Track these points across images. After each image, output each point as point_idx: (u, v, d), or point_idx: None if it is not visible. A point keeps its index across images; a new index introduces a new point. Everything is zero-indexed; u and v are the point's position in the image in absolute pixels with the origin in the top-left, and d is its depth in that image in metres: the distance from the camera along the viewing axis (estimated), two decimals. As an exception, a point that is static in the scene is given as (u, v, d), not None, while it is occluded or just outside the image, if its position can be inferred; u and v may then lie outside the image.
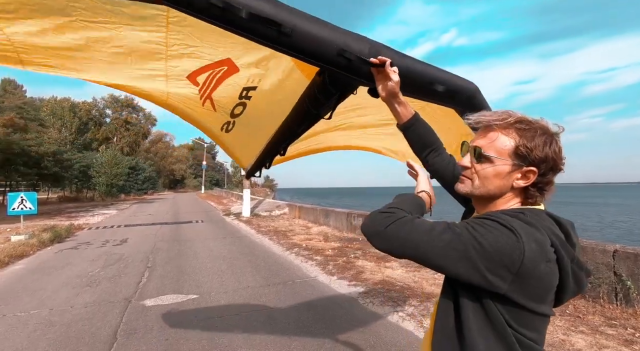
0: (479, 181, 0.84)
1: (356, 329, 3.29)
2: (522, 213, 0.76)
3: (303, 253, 6.68)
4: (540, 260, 0.70)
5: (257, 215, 13.58)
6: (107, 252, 7.14)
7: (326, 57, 0.96)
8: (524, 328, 0.74)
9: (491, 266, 0.69)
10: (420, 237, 0.75)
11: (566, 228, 0.78)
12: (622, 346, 2.78)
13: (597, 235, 17.10)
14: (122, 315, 3.69)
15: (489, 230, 0.71)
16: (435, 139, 1.15)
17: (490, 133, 0.83)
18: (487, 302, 0.74)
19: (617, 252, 3.58)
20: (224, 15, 0.84)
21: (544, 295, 0.74)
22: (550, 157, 0.78)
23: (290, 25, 0.89)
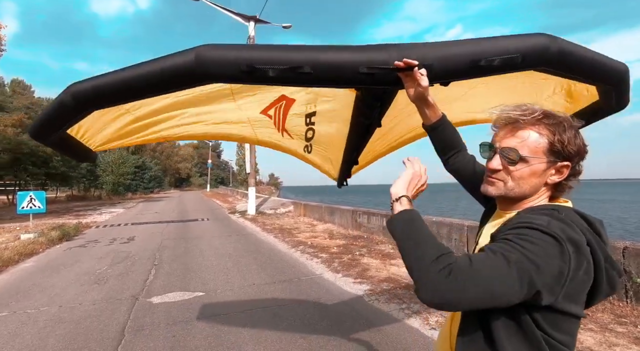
0: (513, 182, 0.80)
1: (362, 326, 3.28)
2: (556, 211, 0.73)
3: (308, 250, 6.69)
4: (581, 264, 0.68)
5: (262, 213, 13.63)
6: (115, 250, 7.22)
7: (350, 79, 0.98)
8: (557, 332, 0.71)
9: (546, 285, 0.66)
10: (495, 286, 0.65)
11: (597, 227, 0.75)
12: (632, 344, 2.74)
13: None
14: (129, 312, 3.73)
15: (536, 244, 0.67)
16: (459, 141, 1.14)
17: (519, 131, 0.79)
18: (518, 309, 0.70)
19: (627, 248, 3.52)
20: (253, 77, 0.94)
21: (579, 296, 0.71)
22: (582, 149, 0.78)
23: (308, 64, 0.93)
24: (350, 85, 1.05)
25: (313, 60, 0.93)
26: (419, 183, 0.90)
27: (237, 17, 13.28)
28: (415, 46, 0.97)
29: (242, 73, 0.92)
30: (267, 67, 0.92)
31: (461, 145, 1.15)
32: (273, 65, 0.92)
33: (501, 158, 0.81)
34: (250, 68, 0.91)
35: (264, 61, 0.92)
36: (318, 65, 0.94)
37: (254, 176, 14.15)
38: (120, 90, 0.99)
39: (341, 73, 0.96)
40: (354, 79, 0.97)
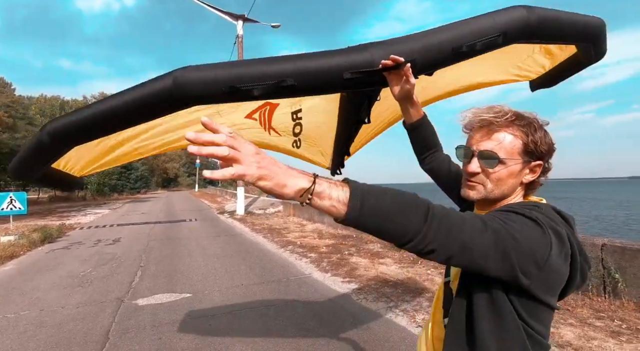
0: (492, 184, 0.82)
1: (349, 325, 3.30)
2: (537, 207, 0.75)
3: (297, 250, 6.68)
4: (561, 255, 0.69)
5: (251, 213, 13.55)
6: (99, 252, 7.07)
7: (335, 86, 0.95)
8: (535, 321, 0.73)
9: (522, 263, 0.66)
10: (465, 238, 0.64)
11: (570, 222, 0.77)
12: (609, 338, 2.83)
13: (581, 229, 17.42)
14: (114, 314, 3.66)
15: (520, 223, 0.68)
16: (437, 141, 1.16)
17: (494, 134, 0.80)
18: (501, 296, 0.72)
19: (606, 245, 3.64)
20: (237, 97, 0.91)
21: (557, 288, 0.73)
22: (551, 148, 0.81)
23: (292, 76, 0.89)
24: (336, 91, 1.02)
25: (296, 71, 0.90)
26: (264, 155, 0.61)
27: (225, 16, 13.16)
28: (395, 42, 0.94)
29: (225, 94, 0.89)
30: (249, 86, 0.88)
31: (439, 145, 1.17)
32: (255, 83, 0.89)
33: (479, 161, 0.82)
34: (232, 89, 0.88)
35: (246, 79, 0.88)
36: (301, 76, 0.91)
37: (243, 176, 14.02)
38: (99, 125, 0.94)
39: (326, 81, 0.92)
40: (340, 85, 0.94)
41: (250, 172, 0.57)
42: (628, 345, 2.71)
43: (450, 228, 0.64)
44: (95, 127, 0.94)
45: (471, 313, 0.76)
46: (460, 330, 0.78)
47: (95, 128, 0.95)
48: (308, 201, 0.61)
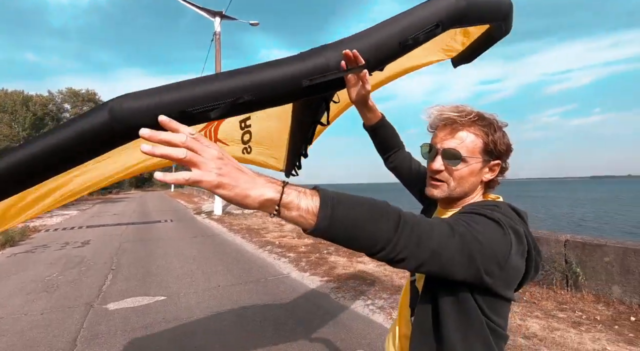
0: (454, 182, 0.84)
1: (327, 324, 3.32)
2: (497, 206, 0.78)
3: (276, 250, 6.65)
4: (519, 252, 0.72)
5: (229, 213, 13.32)
6: (67, 255, 6.73)
7: (294, 95, 0.89)
8: (496, 316, 0.76)
9: (486, 264, 0.68)
10: (434, 245, 0.64)
11: (524, 218, 0.81)
12: (571, 328, 3.01)
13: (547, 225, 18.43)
14: (82, 320, 3.50)
15: (483, 225, 0.70)
16: (398, 141, 1.17)
17: (457, 133, 0.83)
18: (465, 294, 0.74)
19: (568, 241, 3.86)
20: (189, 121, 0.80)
21: (515, 283, 0.76)
22: (509, 148, 0.84)
23: (248, 92, 0.82)
24: (296, 100, 0.95)
25: (252, 85, 0.83)
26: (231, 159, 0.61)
27: (202, 12, 12.87)
28: (346, 42, 0.92)
29: (175, 120, 0.79)
30: (202, 108, 0.78)
31: (401, 144, 1.18)
32: (209, 104, 0.79)
33: (443, 159, 0.84)
34: (183, 114, 0.78)
35: (198, 102, 0.79)
36: (259, 89, 0.84)
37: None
38: (27, 173, 0.75)
39: (285, 92, 0.87)
40: (299, 94, 0.89)
41: (207, 179, 0.52)
42: (587, 334, 2.89)
43: (420, 236, 0.63)
44: (21, 177, 0.76)
45: (437, 311, 0.78)
46: (426, 327, 0.80)
47: (21, 179, 0.77)
48: (275, 212, 0.57)
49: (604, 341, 2.77)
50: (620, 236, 14.01)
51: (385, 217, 0.62)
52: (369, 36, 0.92)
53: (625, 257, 3.39)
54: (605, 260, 3.53)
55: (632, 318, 3.10)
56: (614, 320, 3.11)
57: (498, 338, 0.77)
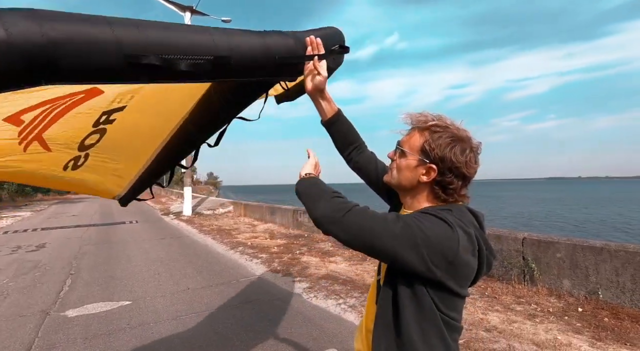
0: (395, 171, 0.94)
1: (299, 323, 3.34)
2: (449, 210, 0.84)
3: (248, 251, 6.56)
4: (468, 251, 0.79)
5: (199, 214, 12.96)
6: (19, 260, 6.25)
7: (266, 68, 0.86)
8: (450, 310, 0.83)
9: (432, 255, 0.76)
10: (377, 226, 0.79)
11: (480, 219, 0.89)
12: (527, 320, 3.23)
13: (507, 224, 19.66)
14: (37, 329, 3.28)
15: (431, 222, 0.79)
16: (357, 137, 1.19)
17: (411, 131, 0.93)
18: (421, 290, 0.81)
19: (526, 239, 4.13)
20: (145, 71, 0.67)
21: (468, 280, 0.84)
22: (448, 158, 0.85)
23: (232, 53, 0.77)
24: (263, 75, 0.88)
25: (231, 47, 0.77)
26: (318, 167, 1.08)
27: (171, 6, 12.42)
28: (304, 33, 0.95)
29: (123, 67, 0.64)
30: (174, 58, 0.67)
31: (360, 140, 1.20)
32: (183, 56, 0.68)
33: (395, 150, 0.96)
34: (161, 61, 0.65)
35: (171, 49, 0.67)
36: (240, 53, 0.78)
37: (190, 175, 13.38)
38: None
39: (261, 62, 0.83)
40: (270, 68, 0.86)
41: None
42: (541, 325, 3.12)
43: (360, 215, 0.82)
44: None
45: (396, 304, 0.84)
46: (387, 319, 0.86)
47: None
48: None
49: (555, 331, 3.00)
50: (563, 233, 15.18)
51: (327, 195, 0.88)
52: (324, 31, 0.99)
53: (575, 253, 3.69)
54: (557, 256, 3.82)
55: (580, 309, 3.38)
56: (564, 311, 3.37)
57: (452, 330, 0.84)
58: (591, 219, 23.52)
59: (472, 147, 0.88)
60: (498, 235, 4.34)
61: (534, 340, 2.85)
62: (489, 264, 0.88)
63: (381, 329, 0.87)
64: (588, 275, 3.59)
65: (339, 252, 6.21)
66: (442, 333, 0.82)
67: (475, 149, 0.88)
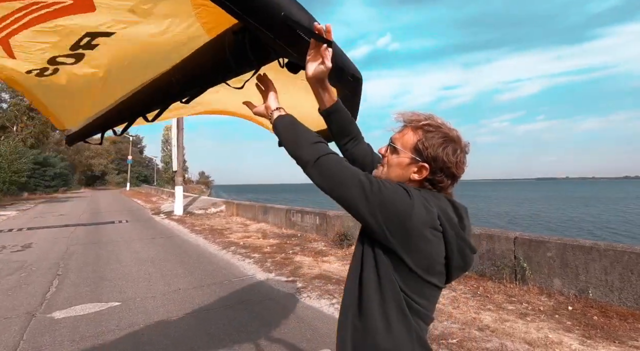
0: (386, 168, 0.96)
1: (292, 324, 3.31)
2: (419, 190, 0.89)
3: (240, 251, 6.50)
4: (426, 223, 0.82)
5: (190, 213, 12.81)
6: (4, 260, 6.08)
7: (270, 19, 0.81)
8: (415, 294, 0.85)
9: (386, 215, 0.81)
10: (345, 175, 0.85)
11: (460, 211, 0.90)
12: (518, 319, 3.26)
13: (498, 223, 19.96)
14: (22, 331, 3.18)
15: (392, 186, 0.85)
16: (354, 128, 1.18)
17: (404, 129, 0.95)
18: (383, 263, 0.85)
19: (517, 238, 4.17)
20: None
21: (431, 264, 0.85)
22: (440, 158, 0.88)
23: None
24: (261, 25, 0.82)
25: None
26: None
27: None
28: None
29: None
30: None
31: (357, 131, 1.19)
32: None
33: (388, 146, 0.98)
34: None
35: None
36: None
37: (181, 174, 13.22)
38: None
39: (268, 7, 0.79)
40: (274, 24, 0.82)
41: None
42: (532, 324, 3.15)
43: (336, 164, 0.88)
44: None
45: (362, 279, 0.90)
46: (352, 293, 0.92)
47: None
48: None
49: (546, 329, 3.03)
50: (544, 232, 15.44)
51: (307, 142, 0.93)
52: None
53: (565, 252, 3.74)
54: (548, 255, 3.87)
55: (570, 307, 3.42)
56: (555, 310, 3.41)
57: (416, 315, 0.86)
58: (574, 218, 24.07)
59: (462, 148, 0.92)
60: (490, 234, 4.38)
61: (526, 339, 2.87)
62: (464, 257, 0.89)
63: (348, 297, 0.93)
64: (578, 274, 3.64)
65: (332, 252, 6.20)
66: (404, 313, 0.84)
67: (464, 149, 0.92)
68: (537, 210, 30.34)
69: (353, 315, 0.90)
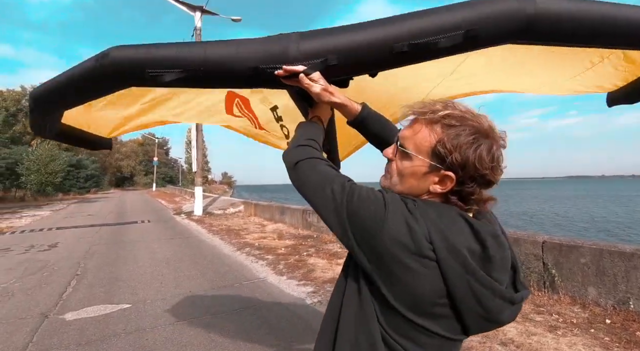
0: (396, 177, 0.74)
1: (300, 331, 3.16)
2: (412, 200, 0.67)
3: (254, 252, 6.44)
4: (404, 247, 0.61)
5: (210, 213, 12.99)
6: (30, 259, 6.33)
7: (238, 79, 0.89)
8: (399, 336, 0.66)
9: (354, 231, 0.66)
10: (317, 182, 0.74)
11: (482, 237, 0.64)
12: (547, 332, 2.95)
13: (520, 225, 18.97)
14: (34, 332, 3.22)
15: (369, 195, 0.67)
16: (391, 129, 0.99)
17: (415, 124, 0.72)
18: (365, 290, 0.69)
19: (545, 242, 3.82)
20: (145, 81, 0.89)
21: (418, 302, 0.63)
22: (471, 163, 0.64)
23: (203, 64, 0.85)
24: (240, 86, 1.01)
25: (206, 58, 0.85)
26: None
27: (181, 6, 12.46)
28: (315, 34, 0.84)
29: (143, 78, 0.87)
30: (158, 72, 0.85)
31: (393, 137, 1.01)
32: (167, 69, 0.85)
33: (395, 147, 0.75)
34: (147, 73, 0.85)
35: (156, 64, 0.84)
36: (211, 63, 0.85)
37: (200, 175, 13.41)
38: (61, 94, 0.99)
39: (230, 71, 0.86)
40: (243, 79, 0.87)
41: None
42: (563, 339, 2.83)
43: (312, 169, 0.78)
44: (60, 95, 1.00)
45: (344, 291, 0.76)
46: (336, 299, 0.78)
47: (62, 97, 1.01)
48: None
49: (580, 345, 2.71)
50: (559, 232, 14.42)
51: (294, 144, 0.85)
52: (347, 33, 0.82)
53: (601, 258, 3.37)
54: (581, 262, 3.50)
55: (608, 320, 3.07)
56: (590, 323, 3.07)
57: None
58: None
59: (498, 142, 0.67)
60: (515, 238, 4.05)
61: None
62: (481, 301, 0.63)
63: (324, 323, 0.81)
64: (617, 283, 3.26)
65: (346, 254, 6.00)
66: (375, 344, 0.66)
67: (500, 144, 0.68)
68: (560, 211, 28.70)
69: (327, 342, 0.76)
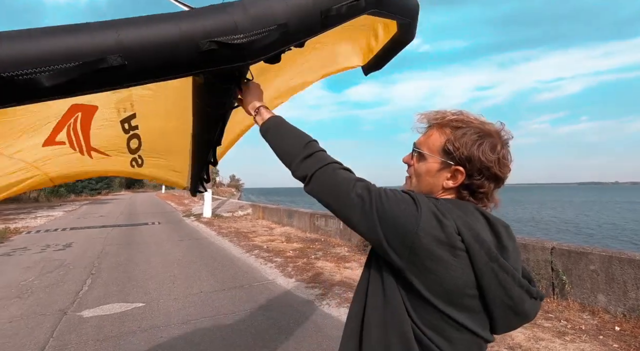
0: (415, 179, 0.83)
1: (310, 332, 3.23)
2: (434, 199, 0.75)
3: (263, 255, 6.53)
4: (438, 240, 0.66)
5: (218, 216, 13.14)
6: (46, 258, 6.52)
7: (188, 65, 0.67)
8: (430, 330, 0.69)
9: (386, 230, 0.69)
10: (338, 189, 0.75)
11: (497, 228, 0.73)
12: (555, 338, 2.96)
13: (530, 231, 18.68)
14: (53, 328, 3.35)
15: (396, 195, 0.72)
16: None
17: (429, 131, 0.82)
18: (393, 289, 0.72)
19: (555, 248, 3.83)
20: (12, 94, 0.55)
21: (452, 293, 0.68)
22: (476, 157, 0.73)
23: (118, 52, 0.58)
24: (190, 73, 0.71)
25: (125, 43, 0.58)
26: None
27: (182, 6, 12.71)
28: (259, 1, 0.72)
29: None
30: (34, 72, 0.53)
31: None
32: (46, 66, 0.53)
33: (411, 153, 0.85)
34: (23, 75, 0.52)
35: (27, 61, 0.53)
36: (134, 50, 0.59)
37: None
38: None
39: (173, 58, 0.63)
40: (194, 63, 0.66)
41: None
42: (572, 345, 2.84)
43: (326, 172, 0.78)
44: None
45: (367, 292, 0.79)
46: (359, 300, 0.82)
47: None
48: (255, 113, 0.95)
49: (588, 352, 2.72)
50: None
51: (297, 150, 0.84)
52: None
53: (610, 265, 3.37)
54: (590, 268, 3.50)
55: (617, 327, 3.06)
56: (599, 329, 3.07)
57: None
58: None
59: (503, 142, 0.77)
60: (524, 243, 4.06)
61: (564, 362, 2.59)
62: (507, 290, 0.69)
63: (348, 327, 0.82)
64: (627, 291, 3.26)
65: (354, 258, 6.05)
66: (408, 342, 0.70)
67: (506, 144, 0.77)
68: (569, 217, 28.18)
69: (353, 346, 0.79)
